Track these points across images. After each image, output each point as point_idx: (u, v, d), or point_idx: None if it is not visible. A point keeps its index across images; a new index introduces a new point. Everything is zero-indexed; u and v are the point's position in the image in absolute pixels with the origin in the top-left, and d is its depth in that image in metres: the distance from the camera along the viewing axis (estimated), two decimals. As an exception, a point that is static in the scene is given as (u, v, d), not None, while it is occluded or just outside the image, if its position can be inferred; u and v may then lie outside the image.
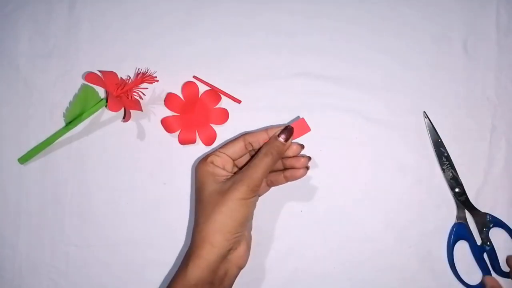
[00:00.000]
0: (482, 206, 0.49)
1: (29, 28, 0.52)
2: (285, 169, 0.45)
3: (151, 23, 0.52)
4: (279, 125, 0.44)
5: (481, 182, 0.50)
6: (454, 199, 0.49)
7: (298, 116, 0.50)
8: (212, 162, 0.43)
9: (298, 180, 0.45)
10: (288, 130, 0.43)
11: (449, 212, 0.49)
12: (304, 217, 0.49)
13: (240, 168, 0.46)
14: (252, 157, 0.45)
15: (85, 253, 0.49)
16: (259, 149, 0.44)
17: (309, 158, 0.45)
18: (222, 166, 0.44)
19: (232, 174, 0.43)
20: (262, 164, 0.42)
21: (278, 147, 0.43)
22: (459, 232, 0.49)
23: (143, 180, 0.50)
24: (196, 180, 0.44)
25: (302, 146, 0.45)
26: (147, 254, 0.49)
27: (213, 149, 0.50)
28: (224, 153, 0.44)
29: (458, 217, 0.49)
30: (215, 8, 0.52)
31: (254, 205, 0.43)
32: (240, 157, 0.45)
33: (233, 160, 0.45)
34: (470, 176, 0.50)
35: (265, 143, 0.44)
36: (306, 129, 0.44)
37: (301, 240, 0.49)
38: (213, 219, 0.40)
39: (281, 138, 0.43)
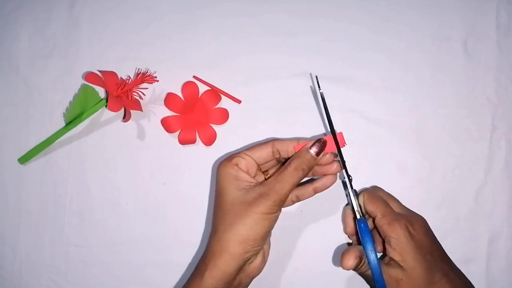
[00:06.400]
0: (482, 206, 0.49)
1: (29, 28, 0.52)
2: (311, 179, 0.44)
3: (151, 23, 0.52)
4: (307, 139, 0.42)
5: (481, 182, 0.50)
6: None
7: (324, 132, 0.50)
8: (236, 164, 0.42)
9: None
10: (321, 144, 0.41)
11: (449, 212, 0.49)
12: (304, 217, 0.49)
13: (264, 172, 0.45)
14: (281, 166, 0.43)
15: (85, 253, 0.49)
16: (287, 159, 0.42)
17: (338, 161, 0.43)
18: (247, 169, 0.42)
19: (255, 180, 0.42)
20: (291, 179, 0.40)
21: (309, 161, 0.41)
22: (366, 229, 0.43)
23: (143, 180, 0.50)
24: (217, 182, 0.42)
25: (336, 155, 0.43)
26: (147, 254, 0.49)
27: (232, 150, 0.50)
28: (250, 156, 0.42)
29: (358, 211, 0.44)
30: (215, 8, 0.52)
31: (277, 219, 0.41)
32: (266, 162, 0.43)
33: (258, 165, 0.43)
34: (470, 176, 0.50)
35: (295, 154, 0.41)
36: (341, 143, 0.42)
37: (301, 240, 0.49)
38: (234, 229, 0.39)
39: (313, 151, 0.41)
